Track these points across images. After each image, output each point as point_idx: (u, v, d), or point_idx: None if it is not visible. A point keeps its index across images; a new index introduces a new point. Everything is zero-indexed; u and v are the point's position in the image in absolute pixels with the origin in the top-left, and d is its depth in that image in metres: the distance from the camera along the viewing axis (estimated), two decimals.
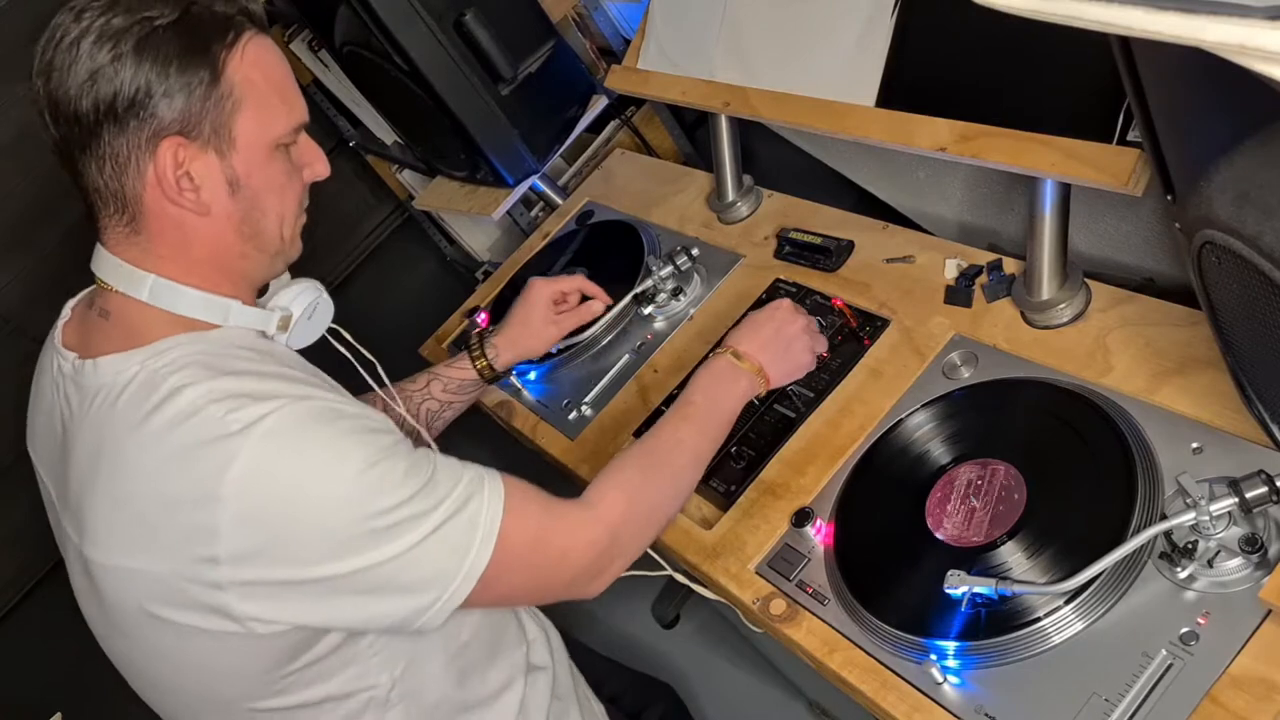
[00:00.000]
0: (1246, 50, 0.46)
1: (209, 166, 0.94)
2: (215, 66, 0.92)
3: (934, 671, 0.97)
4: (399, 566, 0.90)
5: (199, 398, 0.89)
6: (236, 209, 0.97)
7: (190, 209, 0.95)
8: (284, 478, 0.87)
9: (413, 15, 1.68)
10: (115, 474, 0.91)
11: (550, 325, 1.49)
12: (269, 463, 0.87)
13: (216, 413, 0.88)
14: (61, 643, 1.09)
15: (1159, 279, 1.27)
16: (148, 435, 0.89)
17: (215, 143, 0.94)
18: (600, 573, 1.04)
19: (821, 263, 1.46)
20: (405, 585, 0.92)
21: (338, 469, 0.89)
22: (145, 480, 0.89)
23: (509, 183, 1.92)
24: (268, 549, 0.87)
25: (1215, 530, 0.90)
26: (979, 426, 1.13)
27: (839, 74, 1.38)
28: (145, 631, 0.95)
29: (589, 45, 2.07)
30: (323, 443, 0.90)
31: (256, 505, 0.87)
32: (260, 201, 0.99)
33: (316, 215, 1.08)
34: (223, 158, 0.95)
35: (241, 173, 0.96)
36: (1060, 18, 0.53)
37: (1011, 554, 1.00)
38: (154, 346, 0.94)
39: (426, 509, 0.91)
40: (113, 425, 0.92)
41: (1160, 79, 0.79)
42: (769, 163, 1.72)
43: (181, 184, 0.93)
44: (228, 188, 0.96)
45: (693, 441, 1.16)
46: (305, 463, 0.88)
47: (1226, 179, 0.73)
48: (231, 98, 0.94)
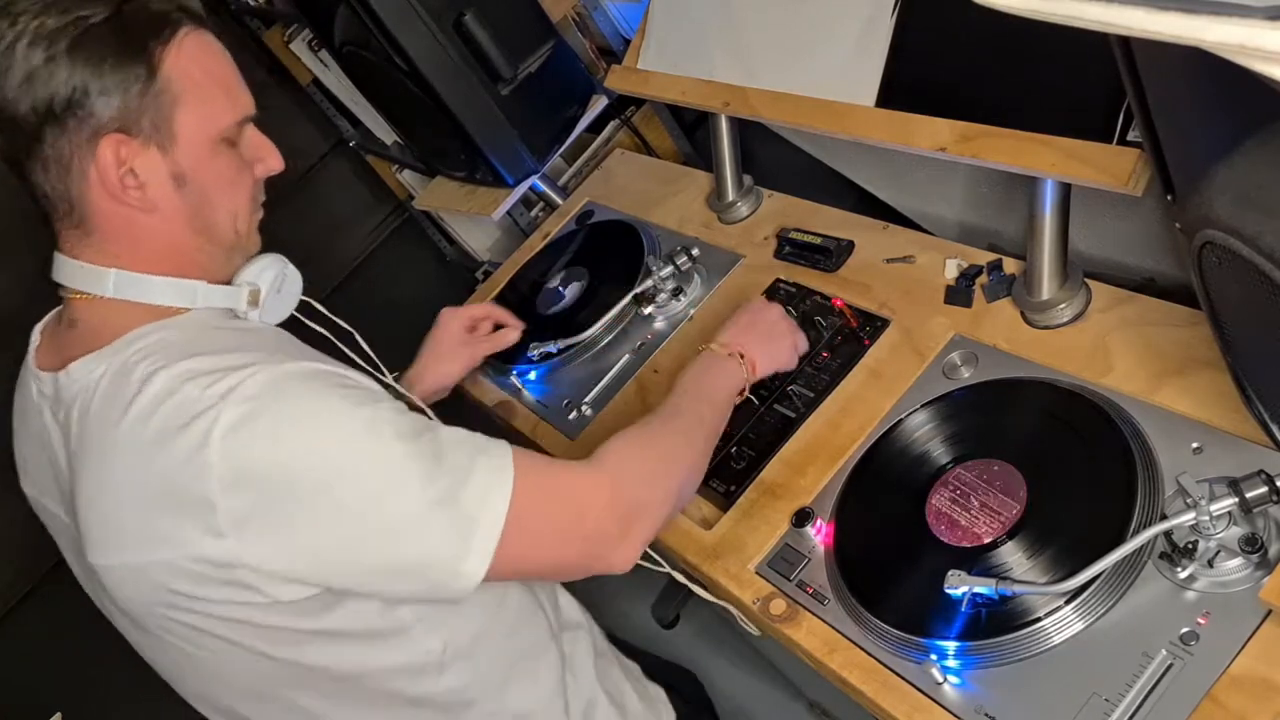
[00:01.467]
0: (1246, 50, 0.45)
1: (152, 162, 0.94)
2: (151, 62, 0.92)
3: (934, 671, 0.97)
4: (405, 536, 0.89)
5: (172, 379, 0.88)
6: (185, 204, 0.97)
7: (136, 206, 0.94)
8: (270, 438, 0.86)
9: (412, 15, 1.68)
10: (103, 472, 0.91)
11: (464, 348, 1.50)
12: (251, 419, 0.85)
13: (193, 390, 0.87)
14: (61, 643, 1.09)
15: (1159, 279, 1.27)
16: (127, 426, 0.88)
17: (156, 138, 0.94)
18: (620, 536, 1.00)
19: (821, 263, 1.46)
20: (416, 559, 0.90)
21: (326, 424, 0.88)
22: (134, 470, 0.88)
23: (509, 183, 1.92)
24: (265, 508, 0.86)
25: (1215, 530, 0.90)
26: (979, 426, 1.13)
27: (839, 74, 1.38)
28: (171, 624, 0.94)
29: (589, 45, 2.07)
30: (308, 397, 0.89)
31: (245, 464, 0.85)
32: (209, 196, 0.98)
33: (316, 215, 1.09)
34: (165, 153, 0.94)
35: (186, 167, 0.96)
36: (1060, 18, 0.53)
37: (1012, 554, 1.00)
38: (120, 342, 0.94)
39: (428, 467, 0.89)
40: (92, 427, 0.91)
41: (1160, 79, 0.79)
42: (769, 163, 1.72)
43: (125, 181, 0.93)
44: (173, 183, 0.95)
45: (689, 408, 1.16)
46: (292, 421, 0.87)
47: (1227, 179, 0.73)
48: (170, 93, 0.93)
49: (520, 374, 1.64)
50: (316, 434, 0.88)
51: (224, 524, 0.85)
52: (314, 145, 2.87)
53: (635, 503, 1.02)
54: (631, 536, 1.01)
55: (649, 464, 1.06)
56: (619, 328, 1.60)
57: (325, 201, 2.92)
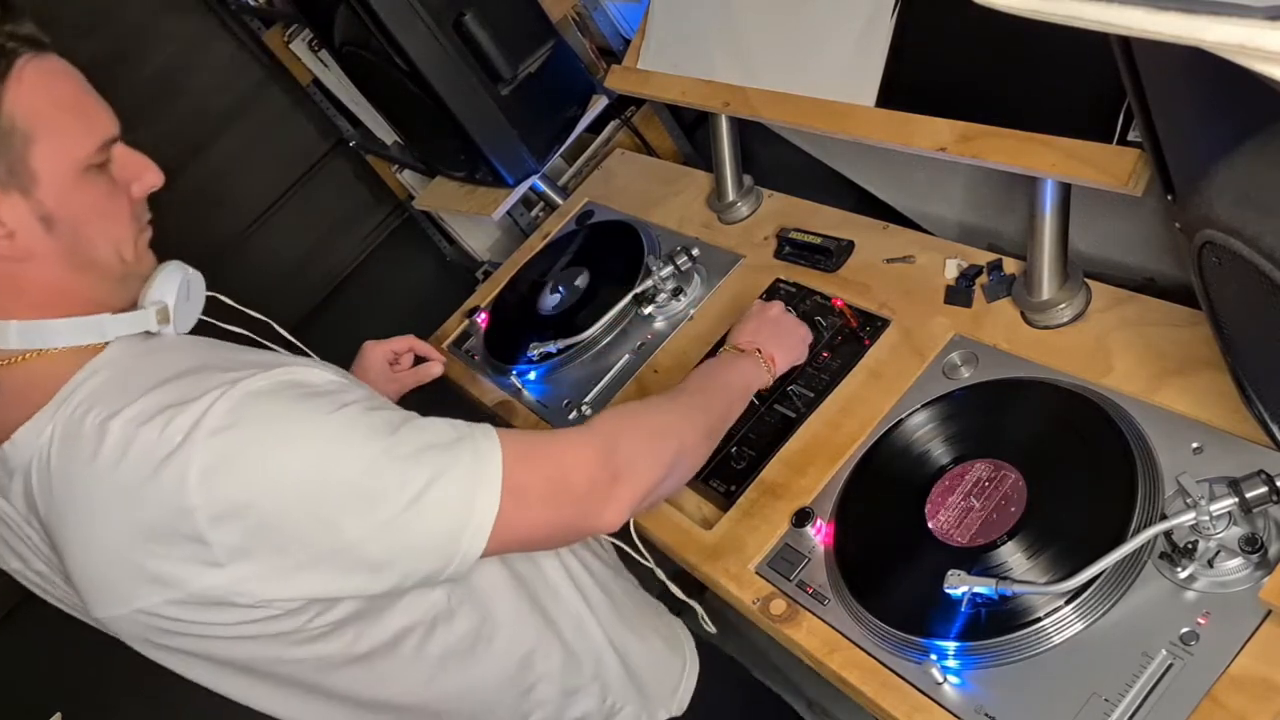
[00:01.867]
0: (1246, 50, 0.45)
1: (15, 209, 0.87)
2: None
3: (934, 671, 0.97)
4: (399, 527, 0.88)
5: (128, 425, 0.85)
6: (60, 245, 0.90)
7: (8, 257, 0.88)
8: (245, 464, 0.84)
9: (412, 15, 1.68)
10: (83, 531, 0.88)
11: (390, 383, 1.47)
12: (224, 454, 0.84)
13: (151, 434, 0.84)
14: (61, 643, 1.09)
15: (1159, 279, 1.27)
16: (95, 483, 0.86)
17: (15, 183, 0.87)
18: (609, 492, 0.99)
19: (821, 263, 1.46)
20: (413, 547, 0.90)
21: (298, 437, 0.86)
22: (113, 523, 0.86)
23: (509, 183, 1.91)
24: (258, 537, 0.85)
25: (1215, 530, 0.90)
26: (979, 427, 1.13)
27: (839, 74, 1.38)
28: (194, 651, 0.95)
29: (589, 45, 2.07)
30: (276, 416, 0.87)
31: (228, 498, 0.84)
32: (84, 231, 0.92)
33: (317, 215, 1.07)
34: (28, 196, 0.87)
35: (53, 207, 0.89)
36: (1060, 18, 0.53)
37: (1012, 554, 1.00)
38: (57, 398, 0.90)
39: (409, 460, 0.88)
40: (58, 490, 0.89)
41: (1160, 79, 0.79)
42: (769, 163, 1.72)
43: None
44: (41, 226, 0.89)
45: (695, 389, 1.17)
46: (263, 442, 0.85)
47: (1227, 179, 0.73)
48: (18, 132, 0.86)
49: (520, 374, 1.64)
50: (292, 455, 0.86)
51: (220, 556, 0.85)
52: (314, 145, 2.87)
53: (623, 462, 1.00)
54: (619, 494, 1.00)
55: (640, 430, 1.06)
56: (619, 328, 1.60)
57: (325, 201, 2.92)
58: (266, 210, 2.85)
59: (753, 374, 1.25)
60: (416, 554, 0.91)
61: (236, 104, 2.78)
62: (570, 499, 0.98)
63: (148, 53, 2.61)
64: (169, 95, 2.64)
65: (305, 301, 2.85)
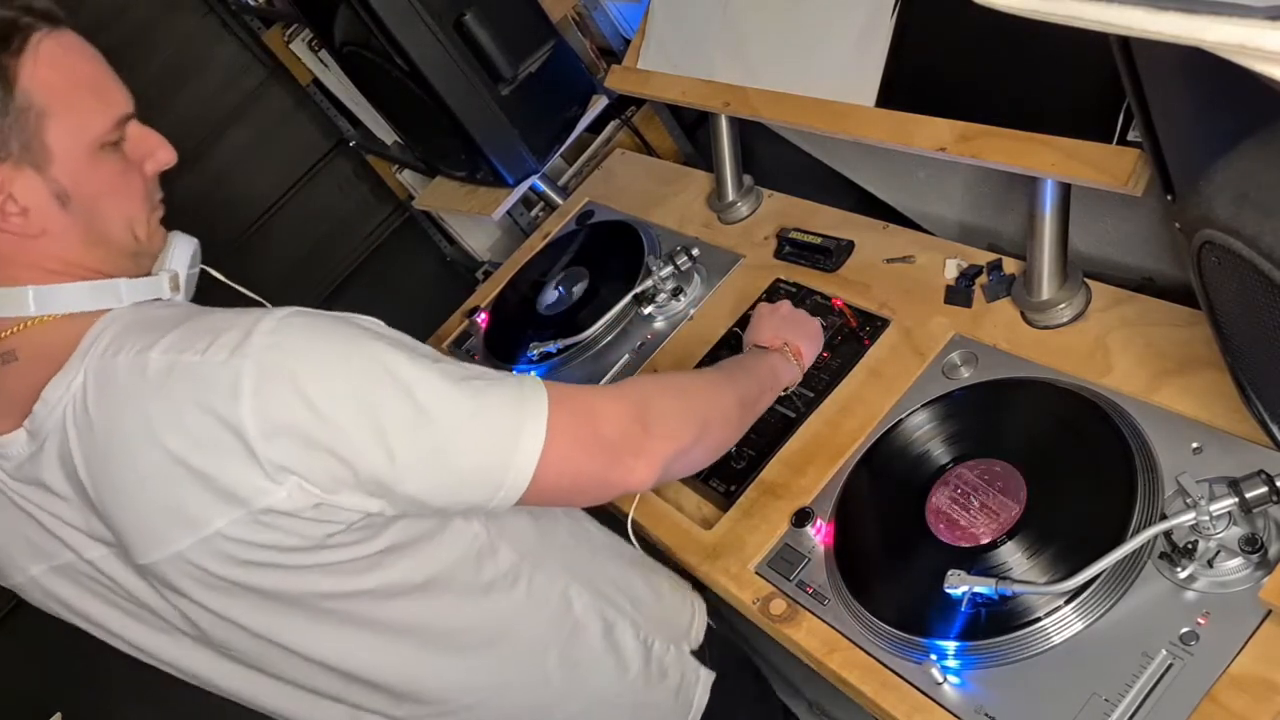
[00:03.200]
0: (1246, 50, 0.46)
1: (29, 185, 0.88)
2: (6, 78, 0.85)
3: (934, 671, 0.97)
4: (448, 449, 0.88)
5: (167, 352, 0.85)
6: (75, 221, 0.91)
7: (22, 233, 0.89)
8: (293, 379, 0.83)
9: (413, 15, 1.68)
10: (129, 470, 0.87)
11: None
12: (272, 372, 0.83)
13: (193, 357, 0.84)
14: (61, 643, 1.09)
15: (1159, 279, 1.27)
16: (138, 411, 0.85)
17: (29, 159, 0.87)
18: (640, 445, 0.98)
19: (821, 263, 1.46)
20: (461, 471, 0.90)
21: (344, 352, 0.86)
22: (161, 454, 0.85)
23: (509, 183, 1.92)
24: (310, 451, 0.84)
25: (1215, 530, 0.90)
26: (979, 426, 1.13)
27: (839, 74, 1.38)
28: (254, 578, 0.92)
29: (589, 45, 2.07)
30: (320, 334, 0.86)
31: (280, 416, 0.83)
32: (98, 208, 0.92)
33: (317, 215, 1.08)
34: (42, 173, 0.88)
35: (68, 184, 0.89)
36: (1060, 18, 0.53)
37: (1011, 554, 1.00)
38: (80, 347, 0.89)
39: (456, 381, 0.88)
40: (97, 434, 0.87)
41: (1160, 79, 0.79)
42: (769, 163, 1.72)
43: (6, 209, 0.87)
44: (57, 203, 0.89)
45: (725, 370, 1.20)
46: (310, 357, 0.85)
47: (1226, 179, 0.73)
48: (33, 108, 0.86)
49: (520, 374, 1.63)
50: (343, 369, 0.85)
51: (273, 473, 0.84)
52: (314, 145, 2.87)
53: (653, 416, 1.01)
54: (650, 448, 0.99)
55: (670, 390, 1.08)
56: (619, 328, 1.60)
57: (326, 202, 2.92)
58: (267, 210, 2.86)
59: (782, 367, 1.26)
60: (464, 477, 0.91)
61: (237, 104, 2.78)
62: (602, 447, 0.97)
63: (148, 53, 2.61)
64: (169, 95, 2.65)
65: (306, 302, 2.81)
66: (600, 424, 0.97)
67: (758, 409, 1.21)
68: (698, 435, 1.05)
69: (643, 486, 1.01)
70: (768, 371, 1.24)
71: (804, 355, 1.29)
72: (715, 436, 1.11)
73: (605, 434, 0.97)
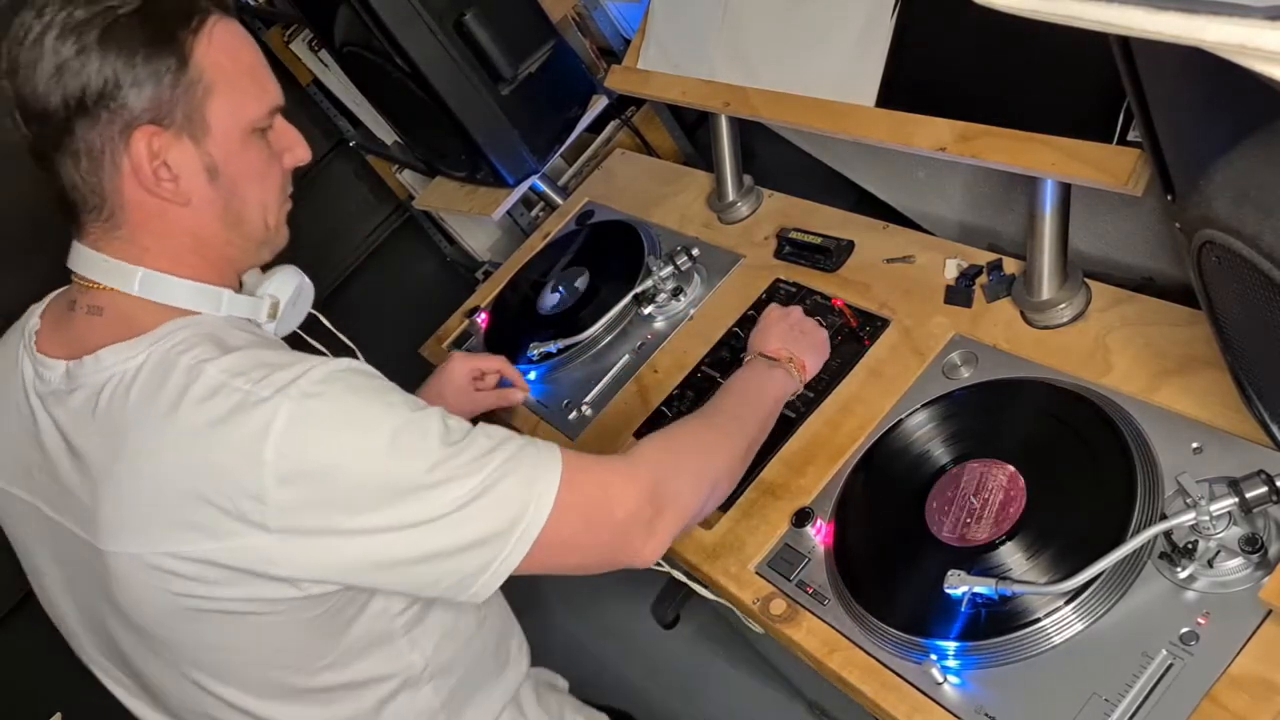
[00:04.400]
0: (1246, 50, 0.46)
1: (185, 154, 0.93)
2: (182, 52, 0.91)
3: (934, 671, 0.97)
4: (450, 522, 0.89)
5: (221, 373, 0.88)
6: (218, 196, 0.96)
7: (170, 199, 0.94)
8: (326, 432, 0.86)
9: (413, 15, 1.68)
10: (144, 460, 0.89)
11: (467, 400, 1.46)
12: (308, 419, 0.86)
13: (243, 384, 0.87)
14: (61, 643, 1.09)
15: (1159, 279, 1.27)
16: (173, 417, 0.87)
17: (189, 129, 0.93)
18: (650, 527, 1.00)
19: (821, 263, 1.46)
20: (457, 543, 0.90)
21: (381, 420, 0.88)
22: (183, 459, 0.87)
23: (509, 183, 1.92)
24: (314, 501, 0.86)
25: (1215, 530, 0.90)
26: (979, 426, 1.13)
27: (839, 74, 1.38)
28: (182, 630, 0.94)
29: (589, 45, 2.07)
30: (360, 397, 0.89)
31: (300, 462, 0.86)
32: (240, 189, 0.97)
33: (317, 215, 1.09)
34: (198, 144, 0.94)
35: (219, 159, 0.95)
36: (1060, 18, 0.53)
37: (1011, 554, 1.00)
38: (157, 332, 0.93)
39: (474, 461, 0.90)
40: (129, 413, 0.90)
41: (1160, 79, 0.79)
42: (769, 163, 1.72)
43: (159, 174, 0.92)
44: (206, 175, 0.95)
45: (732, 409, 1.17)
46: (346, 416, 0.88)
47: (1226, 179, 0.73)
48: (201, 83, 0.92)
49: (520, 374, 1.63)
50: (368, 434, 0.88)
51: (271, 519, 0.86)
52: (314, 145, 2.87)
53: (666, 496, 1.02)
54: (659, 529, 1.01)
55: (683, 461, 1.07)
56: (619, 328, 1.60)
57: (326, 201, 2.92)
58: None
59: (786, 385, 1.25)
60: (457, 553, 0.91)
61: None
62: (609, 526, 0.98)
63: None
64: None
65: None
66: (612, 503, 0.98)
67: (762, 441, 1.21)
68: (706, 498, 1.08)
69: (648, 563, 1.03)
70: (774, 397, 1.23)
71: (807, 370, 1.28)
72: (721, 492, 1.13)
73: (614, 512, 0.98)
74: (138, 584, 0.92)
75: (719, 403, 1.19)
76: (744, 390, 1.22)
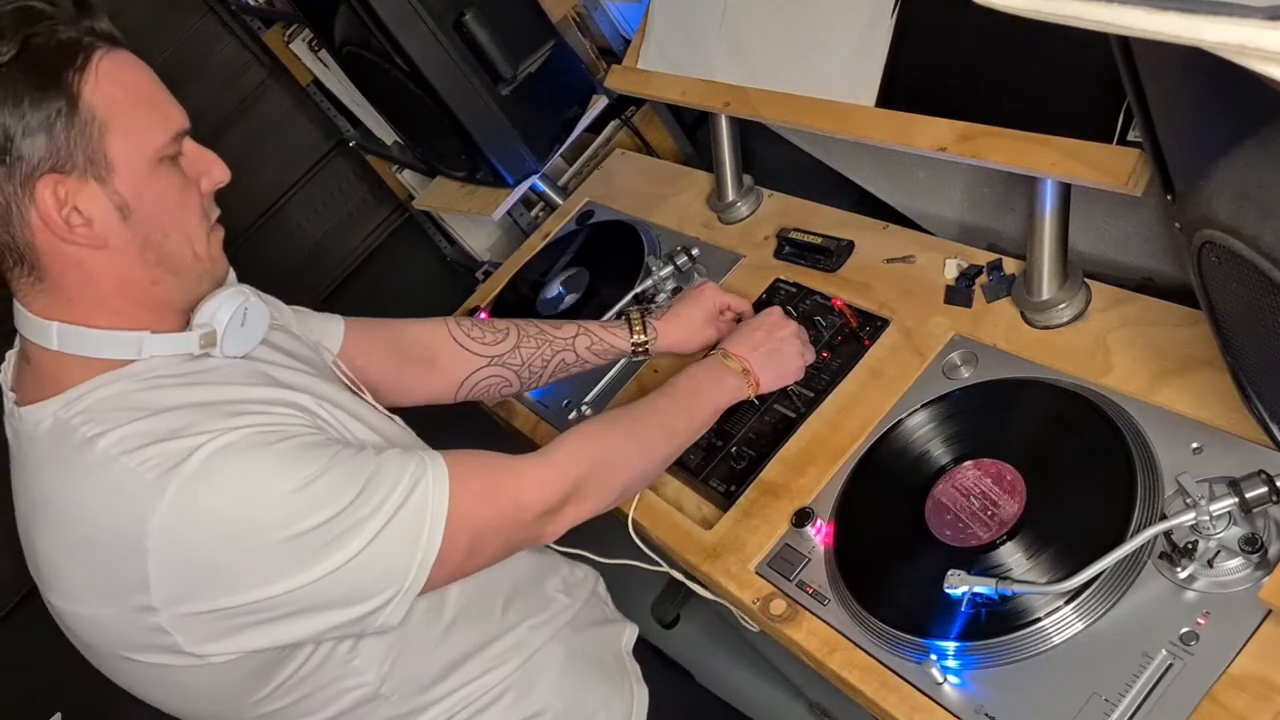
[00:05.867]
0: (1246, 50, 0.46)
1: (93, 196, 0.90)
2: (70, 93, 0.88)
3: (934, 671, 0.97)
4: (344, 575, 0.90)
5: (112, 448, 0.88)
6: (134, 235, 0.93)
7: (85, 244, 0.91)
8: (207, 519, 0.87)
9: (413, 15, 1.68)
10: (50, 523, 0.92)
11: (709, 327, 1.41)
12: (189, 508, 0.86)
13: (130, 463, 0.87)
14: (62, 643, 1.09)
15: (1159, 279, 1.27)
16: (68, 488, 0.90)
17: (93, 171, 0.90)
18: (556, 514, 1.06)
19: (821, 263, 1.46)
20: (354, 591, 0.92)
21: (264, 498, 0.88)
22: (76, 530, 0.90)
23: (509, 183, 1.92)
24: (200, 586, 0.87)
25: (1215, 530, 0.90)
26: (979, 426, 1.13)
27: (839, 74, 1.38)
28: (123, 669, 0.96)
29: (589, 45, 2.07)
30: (248, 474, 0.89)
31: (182, 550, 0.86)
32: (157, 221, 0.94)
33: (316, 215, 1.08)
34: (105, 185, 0.90)
35: (129, 196, 0.91)
36: (1060, 18, 0.53)
37: (1011, 554, 1.00)
38: (66, 395, 0.92)
39: (366, 514, 0.91)
40: (41, 475, 0.92)
41: (1160, 79, 0.79)
42: (769, 163, 1.72)
43: (70, 220, 0.89)
44: (118, 214, 0.91)
45: (667, 413, 1.19)
46: (229, 498, 0.87)
47: (1226, 179, 0.73)
48: (96, 121, 0.89)
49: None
50: (255, 514, 0.88)
51: (156, 601, 0.87)
52: (314, 145, 2.87)
53: (578, 492, 1.07)
54: (564, 516, 1.07)
55: (603, 467, 1.11)
56: None
57: (325, 202, 2.93)
58: (267, 210, 2.86)
59: (733, 393, 1.26)
60: (358, 594, 0.93)
61: (236, 105, 2.78)
62: (519, 526, 1.04)
63: (147, 53, 2.59)
64: None
65: (305, 302, 2.82)
66: (523, 507, 1.03)
67: (691, 442, 1.24)
68: (616, 498, 1.14)
69: (546, 542, 1.08)
70: (717, 402, 1.25)
71: (761, 386, 1.28)
72: (633, 493, 1.18)
73: (524, 514, 1.03)
74: (81, 631, 0.95)
75: (656, 403, 1.20)
76: (689, 394, 1.23)
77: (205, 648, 0.90)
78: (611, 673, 1.22)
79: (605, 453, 1.12)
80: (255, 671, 0.95)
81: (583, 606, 1.22)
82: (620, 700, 1.20)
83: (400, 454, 0.97)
